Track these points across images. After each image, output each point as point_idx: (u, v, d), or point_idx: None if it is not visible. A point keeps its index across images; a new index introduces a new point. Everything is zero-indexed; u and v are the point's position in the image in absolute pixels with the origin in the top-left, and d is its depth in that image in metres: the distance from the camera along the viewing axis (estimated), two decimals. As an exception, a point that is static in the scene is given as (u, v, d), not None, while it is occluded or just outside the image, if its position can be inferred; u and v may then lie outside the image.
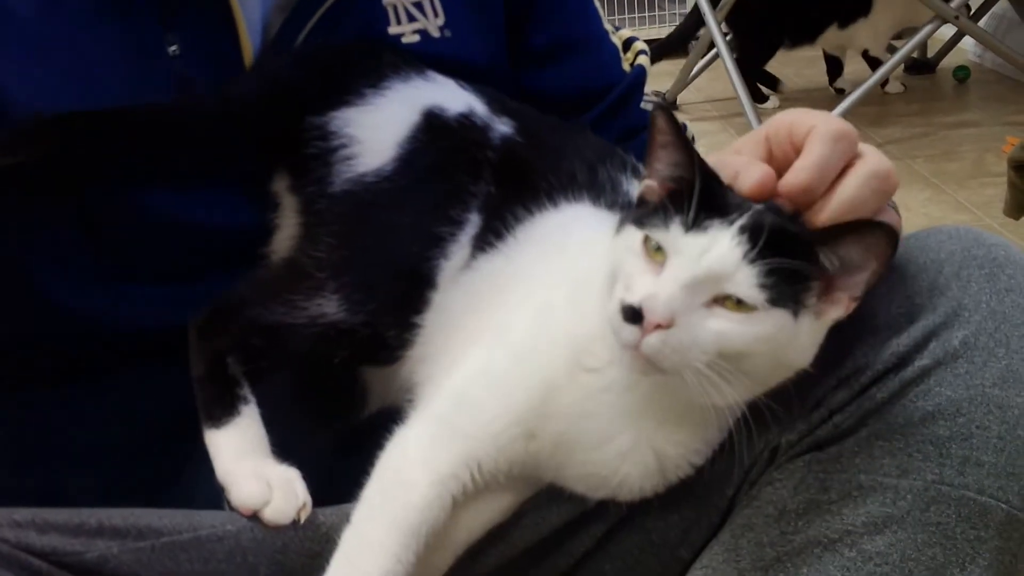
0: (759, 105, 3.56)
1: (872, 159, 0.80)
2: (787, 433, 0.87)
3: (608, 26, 1.14)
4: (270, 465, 0.88)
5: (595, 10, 1.14)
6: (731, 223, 0.76)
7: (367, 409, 0.92)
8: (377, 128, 0.91)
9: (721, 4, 3.58)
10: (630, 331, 0.75)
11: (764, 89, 3.72)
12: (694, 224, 0.76)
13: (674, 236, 0.76)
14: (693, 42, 3.88)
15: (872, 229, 0.76)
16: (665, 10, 4.77)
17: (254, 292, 0.91)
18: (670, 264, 0.76)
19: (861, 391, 0.85)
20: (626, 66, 1.14)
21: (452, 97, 0.95)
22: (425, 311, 0.89)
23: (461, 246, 0.89)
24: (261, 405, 0.90)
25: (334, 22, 0.98)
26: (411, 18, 1.02)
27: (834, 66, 3.81)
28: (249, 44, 0.97)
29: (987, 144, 3.20)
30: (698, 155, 0.79)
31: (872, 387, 0.85)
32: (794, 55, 3.69)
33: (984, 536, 0.81)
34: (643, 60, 1.14)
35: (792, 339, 0.76)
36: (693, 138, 1.05)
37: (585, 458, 0.84)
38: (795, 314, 0.76)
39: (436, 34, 1.02)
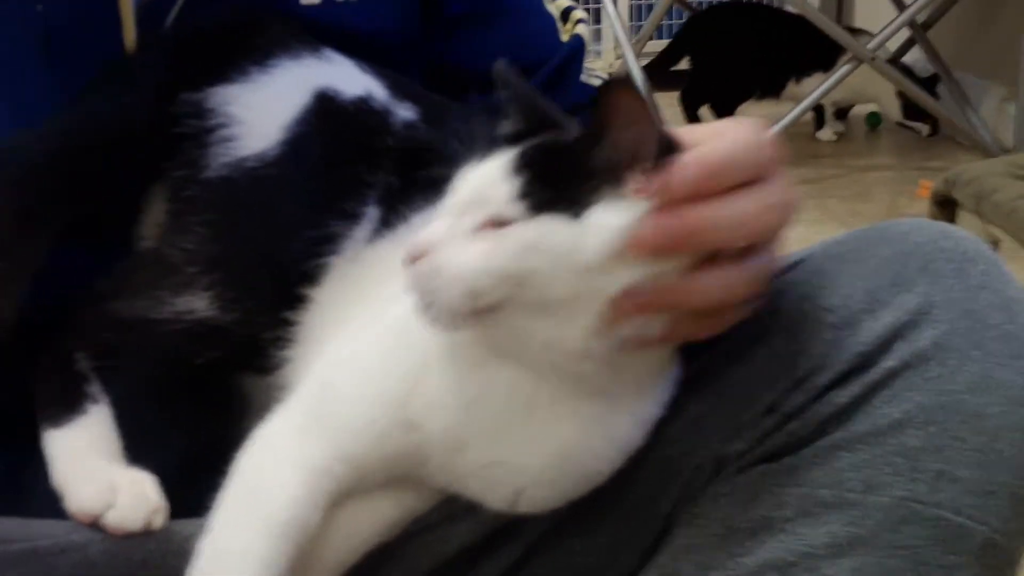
0: None
1: (776, 189, 0.71)
2: (734, 441, 0.77)
3: None
4: (117, 468, 0.77)
5: None
6: (512, 151, 0.71)
7: (247, 421, 0.80)
8: (261, 108, 0.82)
9: (639, 37, 3.57)
10: (404, 272, 0.69)
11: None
12: (482, 159, 0.71)
13: (462, 174, 0.71)
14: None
15: (606, 96, 0.68)
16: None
17: (114, 285, 0.81)
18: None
19: (819, 395, 0.76)
20: (564, 37, 1.04)
21: (349, 79, 0.85)
22: (305, 310, 0.79)
23: (356, 242, 0.80)
24: (119, 409, 0.80)
25: None
26: None
27: (820, 114, 3.83)
28: None
29: (899, 187, 3.24)
30: (527, 93, 0.74)
31: (832, 390, 0.75)
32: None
33: (960, 562, 0.72)
34: (582, 29, 1.05)
35: (574, 239, 0.68)
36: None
37: (478, 454, 0.74)
38: (575, 214, 0.68)
39: None
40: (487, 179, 0.70)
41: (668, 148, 0.68)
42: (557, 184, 0.69)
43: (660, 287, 0.68)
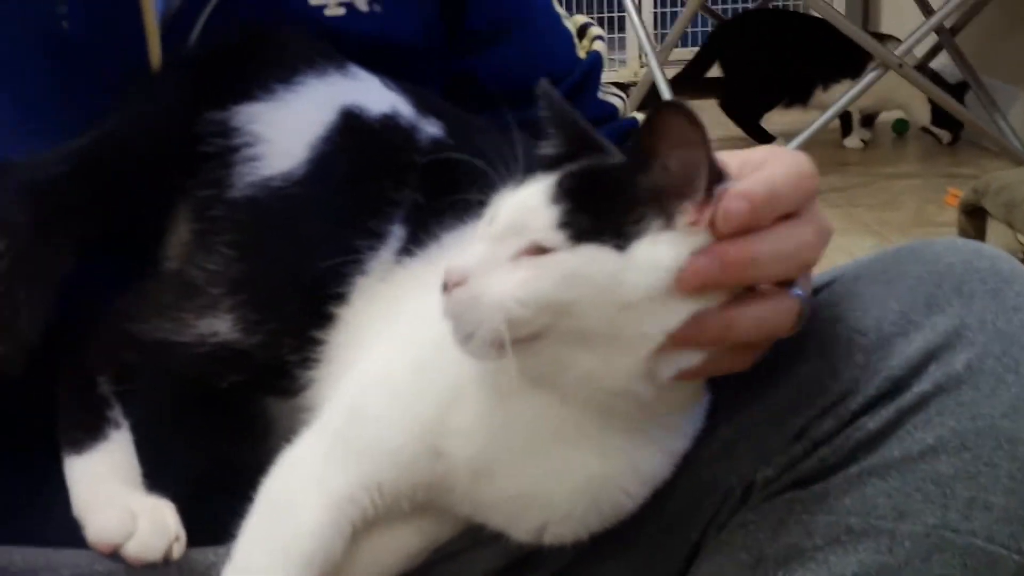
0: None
1: (814, 222, 0.70)
2: (763, 467, 0.76)
3: (561, 9, 1.04)
4: (137, 495, 0.76)
5: None
6: (554, 175, 0.70)
7: (271, 444, 0.79)
8: (287, 126, 0.81)
9: (663, 45, 3.55)
10: (441, 301, 0.68)
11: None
12: (520, 184, 0.70)
13: (498, 200, 0.70)
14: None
15: (659, 118, 0.66)
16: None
17: (138, 306, 0.80)
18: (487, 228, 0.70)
19: (850, 420, 0.74)
20: (581, 53, 1.03)
21: (375, 95, 0.85)
22: (333, 329, 0.78)
23: (382, 261, 0.79)
24: (139, 433, 0.79)
25: None
26: None
27: (846, 121, 3.80)
28: (152, 11, 0.86)
29: (927, 195, 3.19)
30: (569, 115, 0.73)
31: (863, 416, 0.74)
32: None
33: None
34: (599, 46, 1.04)
35: (618, 273, 0.66)
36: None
37: (504, 484, 0.72)
38: (619, 247, 0.66)
39: (364, 8, 0.92)
40: (527, 206, 0.68)
41: (717, 178, 0.67)
42: (600, 212, 0.67)
43: (703, 324, 0.67)
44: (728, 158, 0.69)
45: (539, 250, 0.67)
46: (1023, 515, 0.71)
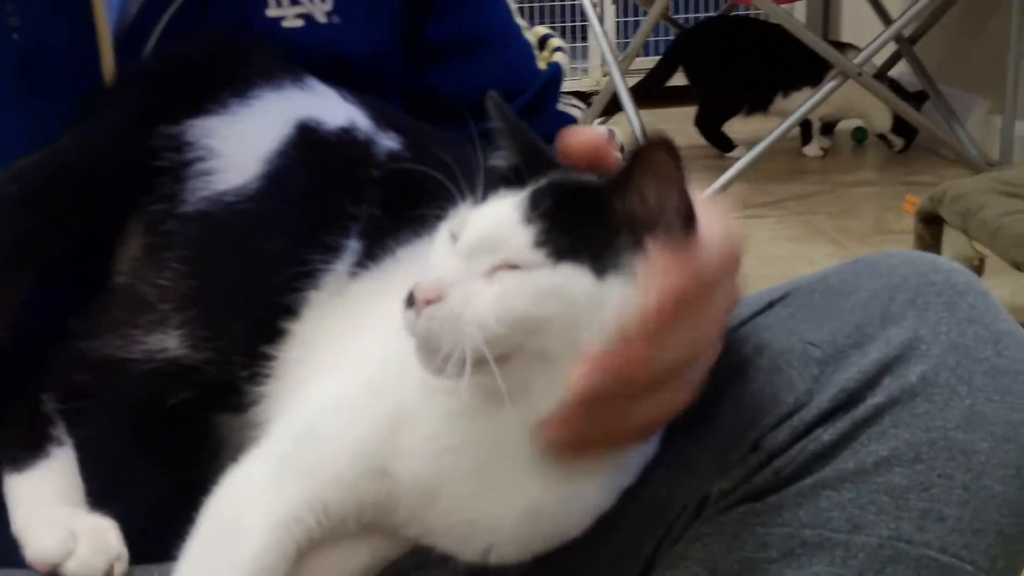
0: (726, 154, 3.66)
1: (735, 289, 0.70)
2: (718, 480, 0.76)
3: (521, 21, 1.03)
4: (78, 514, 0.75)
5: (505, 1, 1.02)
6: (523, 191, 0.69)
7: (222, 462, 0.78)
8: (241, 140, 0.80)
9: (625, 54, 3.57)
10: (408, 316, 0.66)
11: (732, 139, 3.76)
12: (484, 200, 0.70)
13: (462, 217, 0.69)
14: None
15: (645, 150, 0.66)
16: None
17: (86, 323, 0.79)
18: (455, 242, 0.69)
19: (804, 432, 0.74)
20: (541, 65, 1.02)
21: (332, 109, 0.83)
22: (285, 345, 0.77)
23: (336, 275, 0.78)
24: (88, 452, 0.78)
25: (203, 2, 0.86)
26: (294, 0, 0.89)
27: (806, 129, 3.82)
28: (105, 23, 0.84)
29: (886, 203, 3.22)
30: (520, 129, 0.73)
31: (817, 427, 0.74)
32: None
33: None
34: (560, 57, 1.03)
35: (595, 298, 0.66)
36: (622, 148, 0.94)
37: (450, 506, 0.71)
38: (597, 272, 0.66)
39: (323, 20, 0.90)
40: (500, 223, 0.67)
41: (691, 220, 0.66)
42: (578, 232, 0.66)
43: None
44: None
45: (513, 267, 0.66)
46: (977, 526, 0.71)
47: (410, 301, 0.66)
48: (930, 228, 2.23)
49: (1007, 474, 0.72)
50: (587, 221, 0.67)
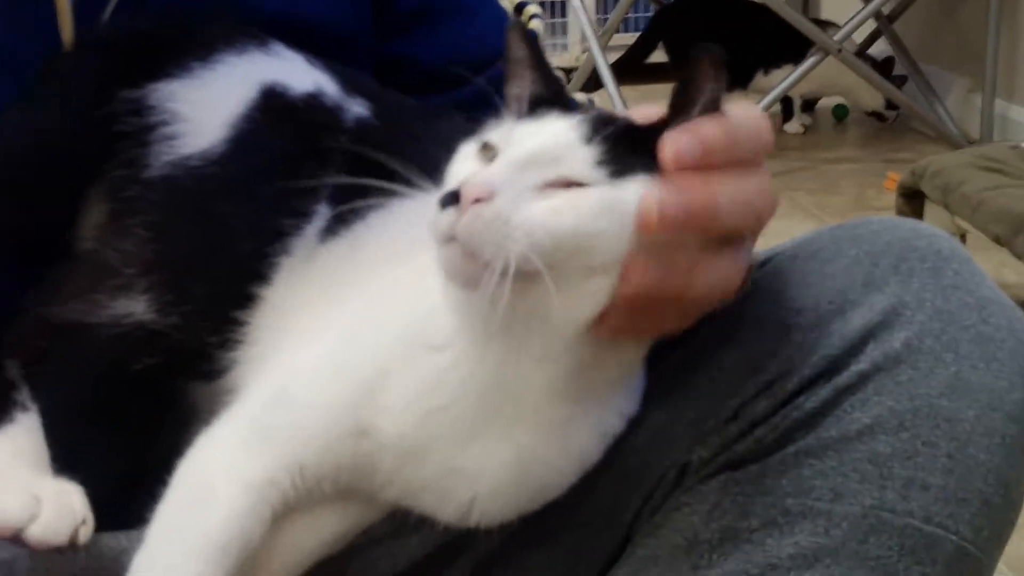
0: None
1: (767, 177, 0.68)
2: (698, 448, 0.74)
3: None
4: (43, 479, 0.73)
5: None
6: (572, 115, 0.67)
7: (194, 429, 0.76)
8: (205, 104, 0.78)
9: (604, 29, 3.55)
10: (446, 216, 0.63)
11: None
12: (529, 114, 0.68)
13: (506, 129, 0.68)
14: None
15: (696, 61, 0.66)
16: (546, 41, 4.71)
17: (49, 289, 0.77)
18: (501, 153, 0.66)
19: (786, 400, 0.73)
20: None
21: (298, 74, 0.82)
22: (256, 310, 0.75)
23: (306, 240, 0.76)
24: (55, 419, 0.76)
25: None
26: None
27: (787, 107, 3.80)
28: None
29: (867, 179, 3.22)
30: (544, 60, 0.72)
31: (800, 395, 0.73)
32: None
33: (931, 573, 0.70)
34: (536, 24, 1.02)
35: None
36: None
37: (433, 462, 0.70)
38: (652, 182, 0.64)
39: None
40: (559, 138, 0.65)
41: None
42: (638, 157, 0.64)
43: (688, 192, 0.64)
44: None
45: (568, 184, 0.64)
46: (961, 495, 0.70)
47: (450, 200, 0.63)
48: (911, 203, 2.23)
49: (992, 443, 0.71)
50: (646, 150, 0.64)
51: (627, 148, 0.65)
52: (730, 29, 3.64)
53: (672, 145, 0.63)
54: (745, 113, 0.67)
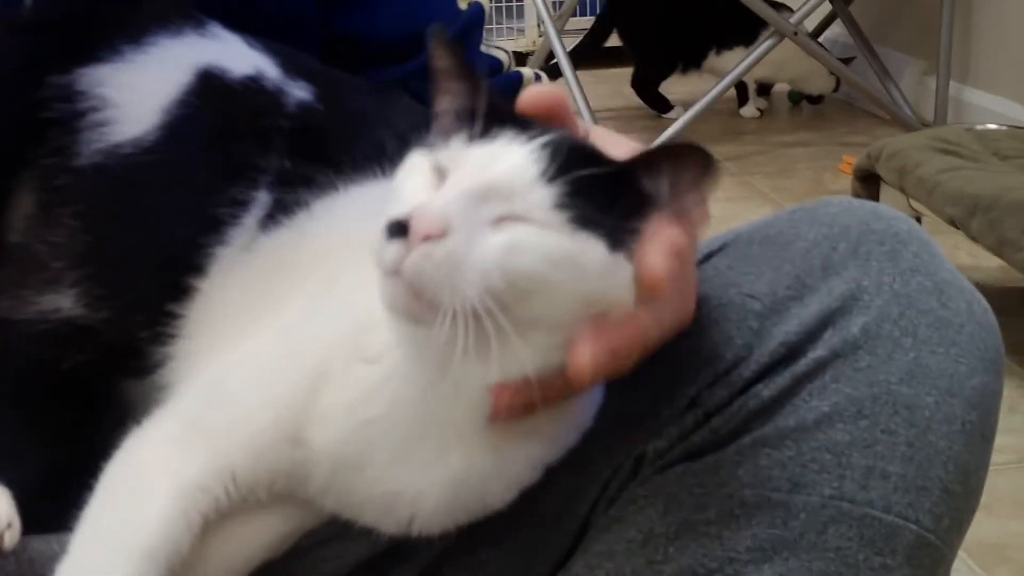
0: (663, 115, 3.61)
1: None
2: (654, 439, 0.73)
3: None
4: None
5: None
6: (529, 139, 0.62)
7: (126, 428, 0.73)
8: (137, 89, 0.75)
9: (560, 13, 3.52)
10: (393, 249, 0.59)
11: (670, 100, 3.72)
12: (482, 136, 0.63)
13: (455, 150, 0.63)
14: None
15: (684, 148, 0.61)
16: (503, 24, 4.67)
17: None
18: (451, 178, 0.62)
19: (743, 388, 0.72)
20: (462, 5, 0.98)
21: (236, 56, 0.79)
22: (191, 303, 0.73)
23: (245, 229, 0.73)
24: None
25: None
26: None
27: (742, 90, 3.79)
28: None
29: (823, 163, 3.22)
30: (472, 70, 0.67)
31: (757, 383, 0.71)
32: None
33: (891, 563, 0.69)
34: None
35: (604, 274, 0.61)
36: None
37: (370, 477, 0.67)
38: (610, 247, 0.61)
39: None
40: (516, 172, 0.61)
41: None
42: (599, 202, 0.61)
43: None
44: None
45: (523, 220, 0.61)
46: (921, 484, 0.69)
47: (396, 230, 0.59)
48: (867, 186, 2.22)
49: (952, 429, 0.70)
50: (608, 193, 0.61)
51: (588, 195, 0.61)
52: (682, 10, 3.64)
53: (654, 271, 0.61)
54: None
